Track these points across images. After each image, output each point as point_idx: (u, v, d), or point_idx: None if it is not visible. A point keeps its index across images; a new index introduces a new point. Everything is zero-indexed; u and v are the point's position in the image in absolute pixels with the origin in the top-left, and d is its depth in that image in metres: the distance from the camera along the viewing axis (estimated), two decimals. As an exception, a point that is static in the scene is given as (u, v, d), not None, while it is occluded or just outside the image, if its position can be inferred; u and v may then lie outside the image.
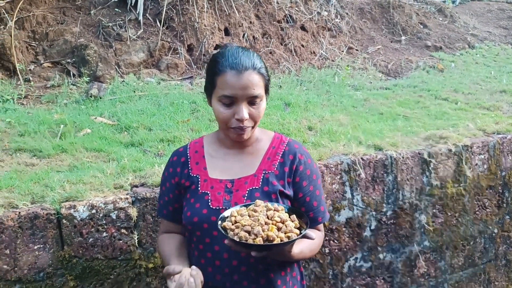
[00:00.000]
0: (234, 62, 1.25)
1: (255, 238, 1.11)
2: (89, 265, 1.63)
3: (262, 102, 1.29)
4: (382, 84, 4.02)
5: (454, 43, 5.38)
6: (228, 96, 1.24)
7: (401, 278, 2.33)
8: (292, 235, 1.14)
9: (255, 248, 1.11)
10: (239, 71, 1.24)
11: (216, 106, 1.28)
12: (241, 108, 1.25)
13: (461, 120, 2.86)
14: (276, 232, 1.13)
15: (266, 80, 1.31)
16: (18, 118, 2.56)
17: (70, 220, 1.60)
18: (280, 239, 1.12)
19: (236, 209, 1.22)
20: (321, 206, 1.38)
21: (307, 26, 4.61)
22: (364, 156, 2.17)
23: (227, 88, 1.24)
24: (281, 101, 3.15)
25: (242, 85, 1.23)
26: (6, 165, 1.99)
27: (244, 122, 1.26)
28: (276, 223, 1.16)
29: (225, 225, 1.17)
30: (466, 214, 2.48)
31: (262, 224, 1.14)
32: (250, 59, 1.27)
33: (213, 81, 1.28)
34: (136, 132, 2.44)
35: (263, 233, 1.12)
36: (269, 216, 1.18)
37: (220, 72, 1.25)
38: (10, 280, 1.53)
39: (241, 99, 1.25)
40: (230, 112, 1.26)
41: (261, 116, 1.30)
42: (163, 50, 3.72)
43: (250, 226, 1.14)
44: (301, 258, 1.31)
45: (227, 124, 1.28)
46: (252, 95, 1.25)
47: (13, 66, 3.15)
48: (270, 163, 1.34)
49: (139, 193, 1.73)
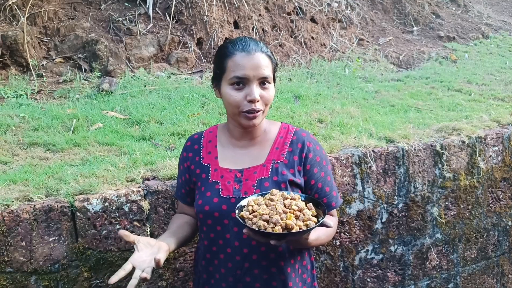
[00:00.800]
0: (243, 45, 1.28)
1: (273, 227, 1.12)
2: (102, 256, 1.66)
3: (271, 85, 1.30)
4: (394, 76, 3.97)
5: (468, 33, 5.27)
6: (240, 77, 1.25)
7: (413, 270, 2.32)
8: (310, 223, 1.14)
9: (274, 236, 1.11)
10: (249, 52, 1.26)
11: (226, 91, 1.29)
12: (252, 88, 1.25)
13: (475, 112, 2.81)
14: (295, 221, 1.14)
15: (274, 64, 1.33)
16: (32, 113, 2.60)
17: (83, 212, 1.63)
18: (298, 227, 1.13)
19: (253, 198, 1.23)
20: (333, 191, 1.40)
21: (317, 18, 4.56)
22: (375, 148, 2.16)
23: (238, 69, 1.25)
24: (291, 94, 3.14)
25: (253, 65, 1.25)
26: (20, 159, 2.03)
27: (256, 104, 1.26)
28: (294, 211, 1.16)
29: (242, 215, 1.17)
30: (479, 206, 2.45)
31: (280, 212, 1.14)
32: (258, 44, 1.30)
33: (223, 65, 1.29)
34: (147, 126, 2.46)
35: (282, 222, 1.12)
36: (287, 204, 1.18)
37: (231, 54, 1.27)
38: (26, 271, 1.57)
39: (252, 80, 1.26)
40: (241, 95, 1.27)
41: (271, 100, 1.31)
42: (173, 44, 3.73)
43: (268, 215, 1.14)
44: (318, 244, 1.34)
45: (239, 108, 1.28)
46: (263, 76, 1.26)
47: (26, 61, 3.19)
48: (279, 152, 1.35)
49: (151, 186, 1.75)
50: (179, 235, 1.37)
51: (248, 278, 1.31)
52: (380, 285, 2.24)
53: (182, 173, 1.44)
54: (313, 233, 1.20)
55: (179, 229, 1.40)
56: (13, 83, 3.04)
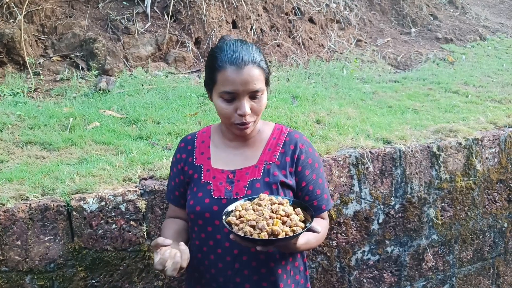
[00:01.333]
0: (233, 57, 1.23)
1: (260, 232, 1.12)
2: (98, 256, 1.66)
3: (263, 96, 1.29)
4: (391, 77, 3.98)
5: (465, 35, 5.29)
6: (230, 92, 1.24)
7: (409, 271, 2.32)
8: (297, 229, 1.14)
9: (260, 243, 1.11)
10: (239, 66, 1.22)
11: (217, 102, 1.28)
12: (242, 103, 1.24)
13: (472, 113, 2.82)
14: (281, 226, 1.14)
15: (266, 73, 1.30)
16: (28, 111, 2.59)
17: (80, 212, 1.62)
18: (285, 233, 1.13)
19: (241, 203, 1.22)
20: (325, 194, 1.40)
21: (315, 18, 4.57)
22: (372, 149, 2.16)
23: (228, 85, 1.23)
24: (289, 94, 3.14)
25: (243, 81, 1.23)
26: (16, 157, 2.02)
27: (247, 117, 1.26)
28: (281, 217, 1.16)
29: (229, 220, 1.17)
30: (475, 208, 2.46)
31: (267, 218, 1.14)
32: (250, 53, 1.26)
33: (213, 77, 1.28)
34: (145, 125, 2.45)
35: (268, 228, 1.12)
36: (274, 210, 1.18)
37: (220, 68, 1.24)
38: (21, 270, 1.56)
39: (242, 95, 1.24)
40: (232, 108, 1.26)
41: (263, 110, 1.30)
42: (170, 43, 3.72)
43: (255, 220, 1.14)
44: (308, 248, 1.32)
45: (230, 120, 1.28)
46: (253, 90, 1.25)
47: (23, 59, 3.18)
48: (271, 153, 1.35)
49: (148, 185, 1.74)
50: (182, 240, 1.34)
51: (238, 278, 1.31)
52: (376, 285, 2.25)
53: (176, 175, 1.42)
54: (301, 237, 1.20)
55: (179, 238, 1.36)
56: (10, 81, 3.03)
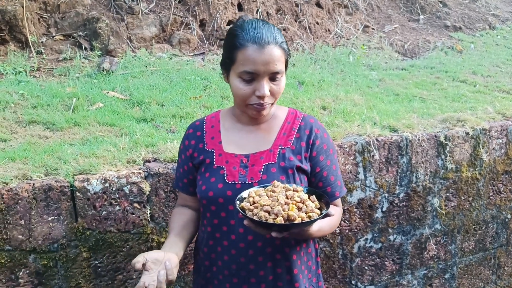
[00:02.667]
0: (256, 36, 1.19)
1: (275, 218, 1.09)
2: (102, 237, 1.65)
3: (283, 78, 1.25)
4: (398, 65, 3.92)
5: (474, 24, 5.20)
6: (250, 72, 1.19)
7: (411, 260, 2.33)
8: (313, 215, 1.12)
9: (276, 228, 1.08)
10: (262, 45, 1.18)
11: (235, 82, 1.24)
12: (262, 84, 1.20)
13: (480, 103, 2.79)
14: (297, 212, 1.11)
15: (287, 55, 1.26)
16: (31, 90, 2.56)
17: (83, 193, 1.61)
18: (301, 218, 1.10)
19: (254, 189, 1.20)
20: (338, 180, 1.37)
21: (322, 2, 4.48)
22: (378, 137, 2.13)
23: (249, 64, 1.19)
24: (295, 80, 3.09)
25: (265, 61, 1.18)
26: (19, 136, 2.00)
27: (265, 99, 1.22)
28: (297, 203, 1.14)
29: (243, 206, 1.15)
30: (479, 198, 2.45)
31: (282, 204, 1.12)
32: (272, 32, 1.21)
33: (232, 56, 1.23)
34: (148, 107, 2.43)
35: (284, 213, 1.10)
36: (289, 196, 1.15)
37: (241, 46, 1.20)
38: (25, 250, 1.56)
39: (263, 75, 1.20)
40: (250, 89, 1.22)
41: (281, 92, 1.27)
42: (175, 24, 3.66)
43: (270, 206, 1.11)
44: (321, 235, 1.29)
45: (246, 101, 1.24)
46: (274, 71, 1.21)
47: (25, 38, 3.13)
48: (286, 138, 1.32)
49: (152, 168, 1.73)
50: (186, 237, 1.34)
51: (252, 265, 1.28)
52: (377, 273, 2.25)
53: (184, 162, 1.38)
54: (315, 225, 1.18)
55: (184, 231, 1.35)
56: (12, 59, 2.98)
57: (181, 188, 1.42)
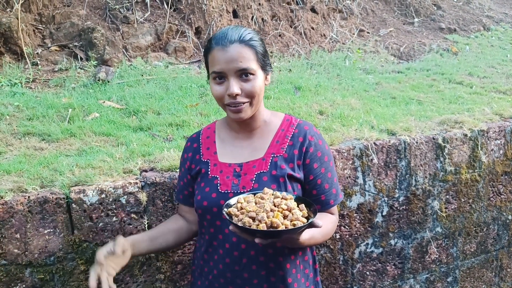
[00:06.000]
0: (220, 37, 1.24)
1: (258, 224, 1.08)
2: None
3: (255, 77, 1.24)
4: (394, 68, 3.93)
5: (469, 25, 5.22)
6: (217, 72, 1.23)
7: (412, 264, 2.31)
8: (298, 223, 1.11)
9: (259, 234, 1.08)
10: (224, 45, 1.22)
11: (211, 84, 1.28)
12: (230, 83, 1.22)
13: (477, 105, 2.78)
14: (281, 219, 1.11)
15: (260, 53, 1.25)
16: (26, 102, 2.54)
17: (79, 204, 1.59)
18: (285, 226, 1.09)
19: (244, 196, 1.20)
20: (333, 188, 1.35)
21: (317, 7, 4.50)
22: (376, 141, 2.12)
23: (215, 64, 1.23)
24: (291, 85, 3.09)
25: (228, 58, 1.21)
26: (15, 149, 1.98)
27: (237, 97, 1.23)
28: (283, 210, 1.13)
29: (230, 211, 1.15)
30: (480, 200, 2.43)
31: (267, 210, 1.11)
32: (239, 32, 1.24)
33: (206, 61, 1.29)
34: (145, 116, 2.41)
35: (267, 220, 1.09)
36: (276, 203, 1.15)
37: (209, 50, 1.26)
38: (21, 264, 1.53)
39: (230, 74, 1.22)
40: (222, 89, 1.24)
41: (257, 92, 1.25)
42: (170, 33, 3.66)
43: (255, 212, 1.11)
44: (313, 244, 1.28)
45: (222, 102, 1.27)
46: (240, 68, 1.22)
47: (21, 49, 3.12)
48: (279, 146, 1.31)
49: (149, 177, 1.71)
50: (156, 243, 1.40)
51: (246, 274, 1.28)
52: (379, 278, 2.23)
53: (184, 175, 1.42)
54: (305, 233, 1.16)
55: (160, 238, 1.40)
56: (7, 71, 2.98)
57: (182, 200, 1.45)
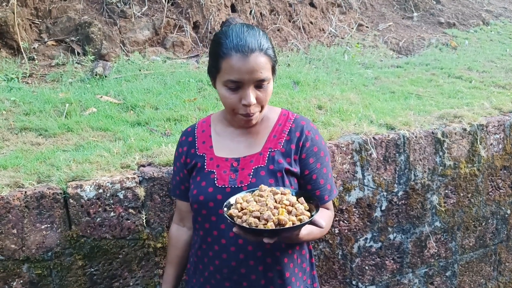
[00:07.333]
0: (239, 44, 1.17)
1: (265, 223, 1.06)
2: (97, 244, 1.62)
3: (269, 84, 1.23)
4: (393, 62, 3.91)
5: (468, 20, 5.20)
6: (235, 81, 1.18)
7: (411, 258, 2.31)
8: (304, 218, 1.09)
9: (267, 234, 1.05)
10: (245, 54, 1.16)
11: (221, 91, 1.23)
12: (248, 93, 1.19)
13: (476, 99, 2.77)
14: (287, 216, 1.08)
15: (273, 61, 1.24)
16: (23, 97, 2.53)
17: (77, 199, 1.58)
18: (292, 222, 1.07)
19: (241, 195, 1.17)
20: (328, 184, 1.34)
21: (316, 2, 4.47)
22: (375, 135, 2.11)
23: (233, 73, 1.17)
24: (290, 80, 3.07)
25: (249, 69, 1.16)
26: (11, 144, 1.97)
27: (251, 107, 1.21)
28: (286, 206, 1.11)
29: (231, 213, 1.11)
30: (479, 194, 2.43)
31: (272, 208, 1.09)
32: (256, 39, 1.19)
33: (217, 65, 1.21)
34: (142, 111, 2.40)
35: (274, 217, 1.06)
36: (277, 200, 1.13)
37: (225, 56, 1.18)
38: (18, 259, 1.53)
39: (248, 84, 1.18)
40: (236, 97, 1.21)
41: (268, 99, 1.25)
42: (168, 27, 3.63)
43: (259, 211, 1.08)
44: (311, 239, 1.28)
45: (234, 110, 1.23)
46: (260, 79, 1.19)
47: (17, 44, 3.10)
48: (276, 141, 1.30)
49: (146, 172, 1.70)
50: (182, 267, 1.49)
51: (243, 269, 1.27)
52: (378, 273, 2.23)
53: (179, 170, 1.39)
54: (304, 229, 1.16)
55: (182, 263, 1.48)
56: (4, 66, 2.95)
57: (178, 195, 1.42)
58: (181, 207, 1.44)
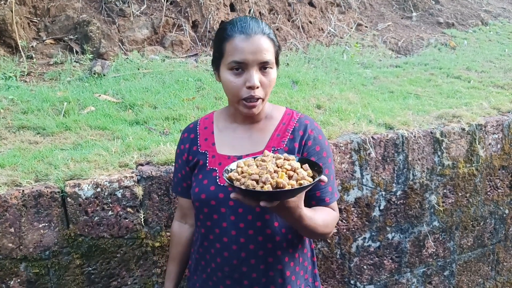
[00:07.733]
0: (243, 26, 1.20)
1: (263, 186, 1.00)
2: (95, 243, 1.62)
3: (272, 70, 1.23)
4: (392, 62, 3.91)
5: (467, 20, 5.20)
6: (238, 61, 1.18)
7: (409, 258, 2.31)
8: (305, 182, 1.03)
9: (264, 196, 0.99)
10: (249, 34, 1.18)
11: (225, 76, 1.22)
12: (251, 74, 1.18)
13: (474, 99, 2.78)
14: (287, 180, 1.02)
15: (277, 47, 1.25)
16: (21, 95, 2.52)
17: (75, 198, 1.57)
18: (291, 186, 1.01)
19: (243, 160, 1.12)
20: (329, 186, 1.31)
21: (315, 1, 4.47)
22: (374, 135, 2.11)
23: (237, 53, 1.18)
24: (289, 79, 3.07)
25: (253, 49, 1.18)
26: (9, 142, 1.96)
27: (256, 91, 1.20)
28: (287, 170, 1.05)
29: (231, 176, 1.06)
30: (477, 194, 2.43)
31: (271, 171, 1.03)
32: (259, 24, 1.22)
33: (221, 49, 1.22)
34: (141, 110, 2.39)
35: (272, 180, 1.00)
36: (279, 164, 1.07)
37: (229, 37, 1.20)
38: (15, 258, 1.52)
39: (252, 65, 1.19)
40: (240, 81, 1.20)
41: (272, 87, 1.24)
42: (167, 26, 3.63)
43: (258, 174, 1.03)
44: (312, 226, 1.18)
45: (238, 95, 1.22)
46: (263, 60, 1.19)
47: (15, 42, 3.08)
48: (280, 139, 1.29)
49: (145, 171, 1.70)
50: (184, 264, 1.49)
51: (245, 268, 1.26)
52: (376, 272, 2.23)
53: (181, 167, 1.37)
54: (308, 210, 1.13)
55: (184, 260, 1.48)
56: (2, 64, 2.94)
57: (180, 192, 1.41)
58: (183, 204, 1.43)
